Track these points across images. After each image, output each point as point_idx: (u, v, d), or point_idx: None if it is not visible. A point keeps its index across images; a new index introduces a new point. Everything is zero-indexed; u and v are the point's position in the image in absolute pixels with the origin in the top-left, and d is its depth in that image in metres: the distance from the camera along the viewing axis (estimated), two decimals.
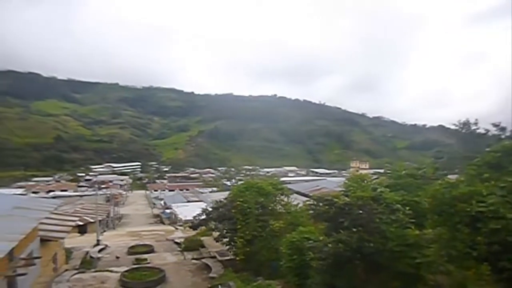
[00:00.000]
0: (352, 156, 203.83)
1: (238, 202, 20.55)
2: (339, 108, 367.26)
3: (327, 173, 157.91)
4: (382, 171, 21.60)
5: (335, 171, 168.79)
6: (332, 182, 32.39)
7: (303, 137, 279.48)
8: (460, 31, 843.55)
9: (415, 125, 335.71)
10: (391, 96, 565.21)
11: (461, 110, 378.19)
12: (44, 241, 22.94)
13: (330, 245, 11.47)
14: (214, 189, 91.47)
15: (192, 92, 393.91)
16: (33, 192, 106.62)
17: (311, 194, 21.52)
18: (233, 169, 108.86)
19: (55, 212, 28.74)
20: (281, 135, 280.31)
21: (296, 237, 15.18)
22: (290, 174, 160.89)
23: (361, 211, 11.83)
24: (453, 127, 46.32)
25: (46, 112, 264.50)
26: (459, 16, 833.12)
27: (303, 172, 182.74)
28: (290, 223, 18.89)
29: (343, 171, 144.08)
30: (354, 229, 11.34)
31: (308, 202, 15.42)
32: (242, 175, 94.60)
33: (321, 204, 13.34)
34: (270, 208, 21.20)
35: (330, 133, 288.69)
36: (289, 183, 27.29)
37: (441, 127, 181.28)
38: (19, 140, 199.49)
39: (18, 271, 16.81)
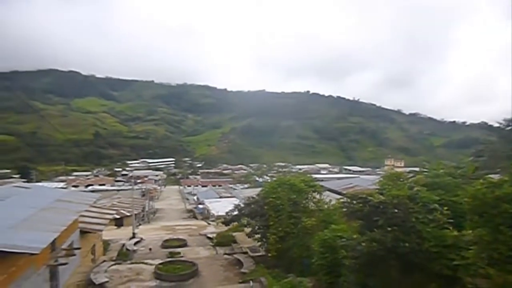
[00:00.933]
0: (387, 153, 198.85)
1: (270, 199, 20.55)
2: (374, 105, 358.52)
3: (360, 171, 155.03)
4: (418, 169, 20.95)
5: (369, 169, 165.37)
6: (365, 180, 31.78)
7: (336, 134, 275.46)
8: (503, 23, 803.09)
9: (454, 122, 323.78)
10: (429, 92, 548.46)
11: (505, 107, 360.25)
12: (83, 232, 23.91)
13: (363, 243, 11.26)
14: (246, 185, 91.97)
15: (225, 89, 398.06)
16: (73, 186, 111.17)
17: (344, 192, 21.20)
18: (265, 166, 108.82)
19: (94, 205, 29.88)
20: (314, 132, 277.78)
21: (329, 235, 14.99)
22: (322, 172, 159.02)
23: (396, 210, 11.52)
24: (496, 124, 44.23)
25: (86, 109, 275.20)
26: (502, 8, 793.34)
27: (335, 170, 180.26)
28: (322, 221, 18.69)
29: (377, 169, 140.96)
30: (389, 228, 11.06)
31: (341, 200, 15.16)
32: (274, 171, 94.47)
33: (355, 202, 13.10)
34: (302, 205, 21.06)
35: (364, 130, 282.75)
36: (322, 180, 26.94)
37: (483, 124, 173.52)
38: (61, 136, 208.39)
39: (60, 260, 17.59)
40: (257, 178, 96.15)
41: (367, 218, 12.37)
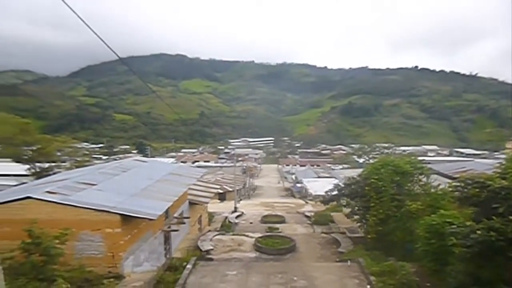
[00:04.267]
0: (509, 135, 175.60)
1: (372, 180, 19.79)
2: (495, 79, 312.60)
3: (475, 154, 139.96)
4: None
5: (485, 152, 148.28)
6: (482, 164, 28.62)
7: (447, 113, 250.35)
8: None
9: None
10: None
11: None
12: (192, 204, 25.99)
13: (478, 232, 10.21)
14: (346, 166, 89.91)
15: (325, 67, 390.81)
16: (182, 162, 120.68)
17: (455, 176, 19.40)
18: (366, 147, 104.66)
19: (200, 180, 32.15)
20: (421, 111, 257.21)
21: (437, 220, 13.93)
22: (430, 154, 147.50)
23: None
24: None
25: (192, 91, 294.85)
26: None
27: (445, 152, 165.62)
28: (428, 205, 17.43)
29: (495, 153, 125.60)
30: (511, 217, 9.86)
31: (453, 184, 13.89)
32: (376, 152, 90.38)
33: (469, 186, 11.91)
34: (406, 188, 19.90)
35: (481, 108, 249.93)
36: (429, 163, 24.96)
37: None
38: (170, 116, 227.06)
39: (172, 227, 19.45)
40: (357, 159, 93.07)
41: (485, 204, 11.17)
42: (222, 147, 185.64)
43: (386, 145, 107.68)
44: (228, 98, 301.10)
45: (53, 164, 43.54)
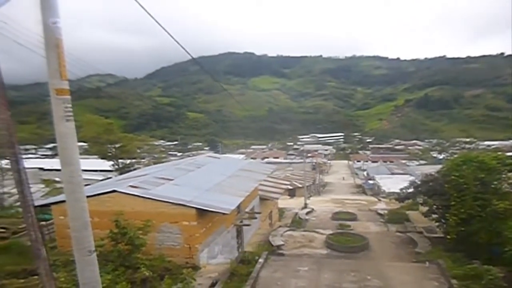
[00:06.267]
0: None
1: (452, 177, 18.54)
2: None
3: None
4: None
5: None
6: None
7: None
8: None
9: None
10: None
11: None
12: (262, 199, 26.43)
13: None
14: (422, 162, 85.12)
15: (398, 58, 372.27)
16: (252, 158, 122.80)
17: None
18: (444, 141, 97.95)
19: (271, 176, 32.56)
20: (508, 102, 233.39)
21: None
22: None
23: None
24: None
25: (260, 88, 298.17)
26: None
27: None
28: None
29: None
30: None
31: None
32: (456, 148, 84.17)
33: None
34: (493, 186, 18.34)
35: None
36: None
37: None
38: (240, 113, 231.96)
39: (244, 222, 19.98)
40: (435, 155, 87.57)
41: None
42: (291, 143, 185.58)
43: (467, 139, 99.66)
44: (296, 94, 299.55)
45: (133, 160, 46.96)
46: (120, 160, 45.44)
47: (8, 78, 6.12)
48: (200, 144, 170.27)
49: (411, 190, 22.96)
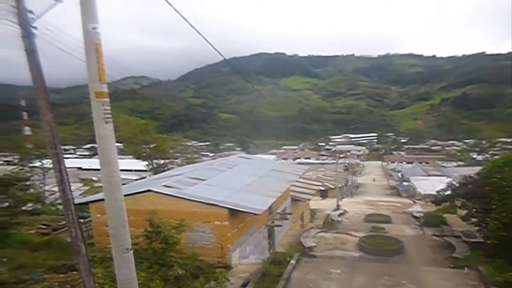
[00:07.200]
0: None
1: (494, 179, 17.75)
2: None
3: None
4: None
5: None
6: None
7: None
8: None
9: None
10: None
11: None
12: (294, 200, 26.34)
13: None
14: (460, 163, 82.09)
15: (434, 56, 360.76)
16: (283, 159, 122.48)
17: None
18: (484, 142, 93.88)
19: (302, 176, 32.37)
20: None
21: None
22: None
23: None
24: None
25: (291, 88, 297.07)
26: None
27: None
28: None
29: None
30: None
31: None
32: (497, 148, 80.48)
33: None
34: None
35: None
36: None
37: None
38: (271, 113, 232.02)
39: (276, 222, 19.97)
40: (473, 156, 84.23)
41: None
42: (323, 144, 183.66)
43: (508, 140, 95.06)
44: (328, 94, 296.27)
45: (167, 160, 47.99)
46: (154, 160, 46.57)
47: (49, 81, 6.42)
48: (232, 144, 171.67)
49: (448, 192, 22.23)
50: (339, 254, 20.63)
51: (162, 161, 47.17)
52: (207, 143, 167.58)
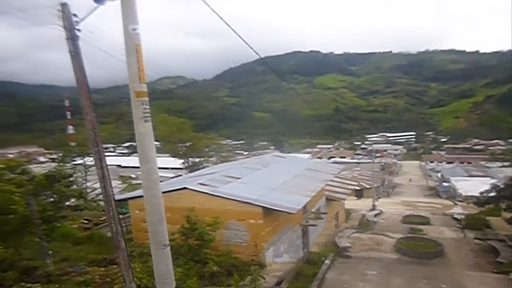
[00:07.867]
0: None
1: None
2: None
3: None
4: None
5: None
6: None
7: None
8: None
9: None
10: None
11: None
12: (328, 200, 26.04)
13: None
14: (505, 163, 78.15)
15: (477, 51, 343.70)
16: (318, 158, 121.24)
17: None
18: None
19: (337, 176, 31.94)
20: None
21: None
22: None
23: None
24: None
25: (326, 86, 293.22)
26: None
27: None
28: None
29: None
30: None
31: None
32: None
33: None
34: None
35: None
36: None
37: None
38: (306, 112, 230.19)
39: (310, 222, 19.81)
40: None
41: None
42: (359, 143, 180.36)
43: None
44: (364, 92, 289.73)
45: (202, 159, 48.73)
46: (189, 158, 47.42)
47: (91, 82, 6.69)
48: (266, 143, 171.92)
49: (492, 194, 21.23)
50: (375, 256, 20.18)
51: (197, 159, 47.96)
52: (242, 141, 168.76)
